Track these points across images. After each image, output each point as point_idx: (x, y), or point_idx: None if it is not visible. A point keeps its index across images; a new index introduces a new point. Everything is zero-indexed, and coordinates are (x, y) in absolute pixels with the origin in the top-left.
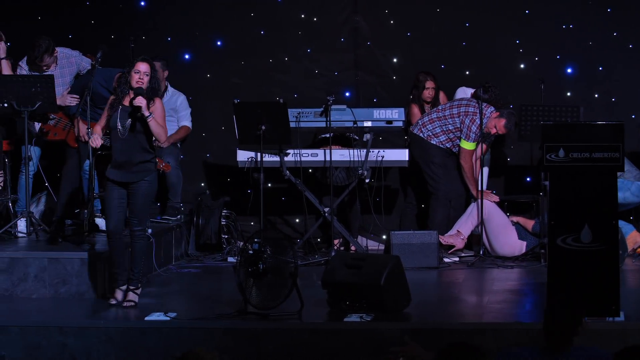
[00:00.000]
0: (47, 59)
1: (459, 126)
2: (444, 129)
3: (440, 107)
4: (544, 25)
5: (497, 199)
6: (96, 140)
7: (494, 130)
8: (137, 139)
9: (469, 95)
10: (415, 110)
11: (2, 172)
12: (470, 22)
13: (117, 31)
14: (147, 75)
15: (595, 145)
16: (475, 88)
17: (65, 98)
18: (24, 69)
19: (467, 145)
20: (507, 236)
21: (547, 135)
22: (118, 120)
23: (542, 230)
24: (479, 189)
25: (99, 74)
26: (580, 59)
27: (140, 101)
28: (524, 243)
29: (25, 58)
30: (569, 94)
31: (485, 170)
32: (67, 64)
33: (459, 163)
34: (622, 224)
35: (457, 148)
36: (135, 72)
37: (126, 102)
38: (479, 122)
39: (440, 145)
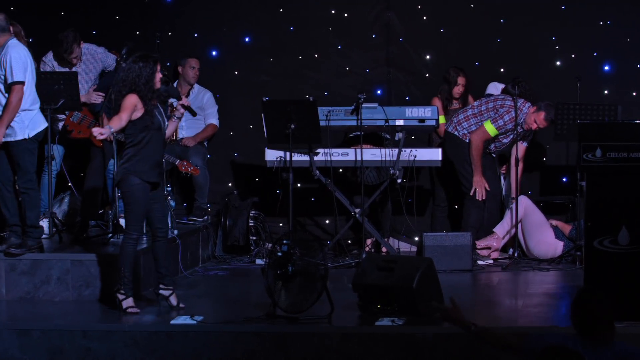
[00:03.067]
0: (76, 49)
1: (493, 117)
2: (480, 126)
3: (475, 104)
4: (581, 21)
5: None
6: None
7: (534, 125)
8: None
9: (499, 91)
10: (438, 104)
11: None
12: (505, 18)
13: (142, 27)
14: (160, 72)
15: (633, 145)
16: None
17: (90, 95)
18: (47, 64)
19: (489, 127)
20: (543, 234)
21: (584, 135)
22: (161, 120)
23: (578, 233)
24: (517, 187)
25: None
26: (617, 56)
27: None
28: (561, 243)
29: (49, 54)
30: (606, 92)
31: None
32: (92, 60)
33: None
34: None
35: (492, 146)
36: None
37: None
38: (512, 115)
39: None
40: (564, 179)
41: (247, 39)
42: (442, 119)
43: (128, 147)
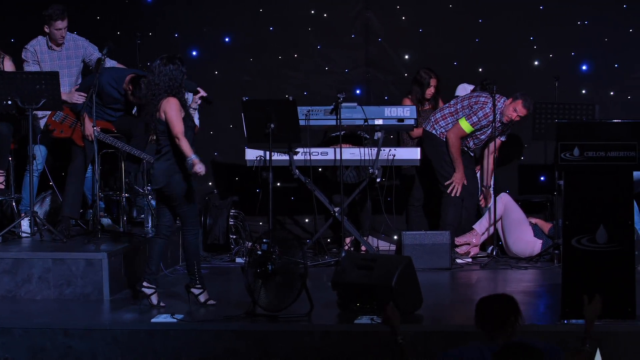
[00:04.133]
0: (65, 20)
1: (468, 113)
2: (457, 124)
3: (452, 102)
4: (559, 21)
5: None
6: None
7: (514, 115)
8: None
9: (468, 92)
10: (409, 104)
11: (2, 171)
12: (484, 18)
13: (123, 27)
14: None
15: (611, 144)
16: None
17: (72, 95)
18: (29, 50)
19: (464, 123)
20: (522, 232)
21: (562, 134)
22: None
23: (557, 232)
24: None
25: (109, 73)
26: (595, 56)
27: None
28: (540, 242)
29: (31, 41)
30: (584, 91)
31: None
32: (74, 46)
33: (448, 150)
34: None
35: (471, 143)
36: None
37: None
38: (487, 111)
39: None
40: (542, 178)
41: (227, 39)
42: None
43: (165, 146)
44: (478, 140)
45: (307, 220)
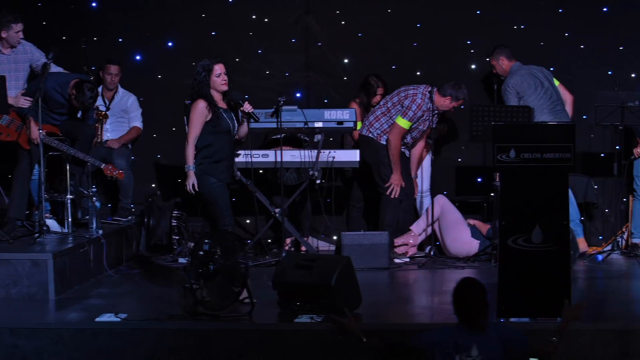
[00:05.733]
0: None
1: (402, 110)
2: (391, 123)
3: (381, 103)
4: (496, 26)
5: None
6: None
7: (444, 102)
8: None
9: None
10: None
11: None
12: (422, 22)
13: (68, 32)
14: (226, 74)
15: (546, 145)
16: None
17: (18, 99)
18: None
19: (401, 121)
20: (459, 232)
21: (498, 136)
22: (230, 123)
23: (494, 233)
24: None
25: (54, 78)
26: (531, 60)
27: (250, 107)
28: (477, 242)
29: None
30: None
31: (427, 169)
32: (21, 51)
33: (387, 152)
34: (573, 226)
35: (408, 138)
36: (216, 76)
37: (221, 105)
38: (419, 102)
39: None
40: (479, 179)
41: (170, 44)
42: (359, 125)
43: (201, 149)
44: (416, 132)
45: (248, 221)
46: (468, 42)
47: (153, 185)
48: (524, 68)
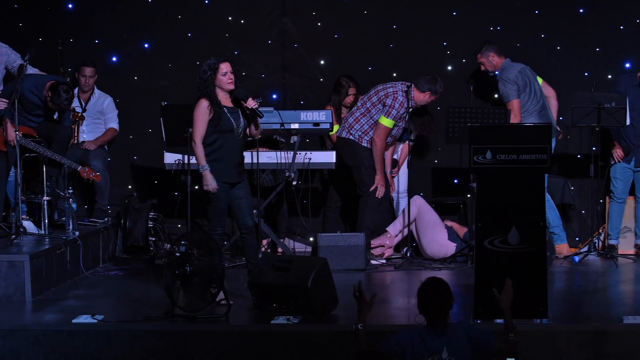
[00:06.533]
0: None
1: (384, 109)
2: (371, 123)
3: (359, 104)
4: (472, 26)
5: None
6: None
7: (423, 97)
8: (243, 139)
9: None
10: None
11: None
12: (398, 24)
13: (45, 34)
14: (232, 73)
15: (522, 147)
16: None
17: None
18: None
19: (385, 121)
20: (436, 234)
21: (475, 137)
22: (233, 121)
23: (471, 236)
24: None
25: (30, 80)
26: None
27: (254, 102)
28: (453, 245)
29: None
30: (496, 95)
31: (404, 170)
32: None
33: (371, 153)
34: (557, 231)
35: (389, 140)
36: (222, 75)
37: (227, 103)
38: (400, 100)
39: (370, 146)
40: (456, 181)
41: (146, 45)
42: (335, 128)
43: (205, 147)
44: (396, 130)
45: None
46: (444, 44)
47: (129, 187)
48: (516, 65)
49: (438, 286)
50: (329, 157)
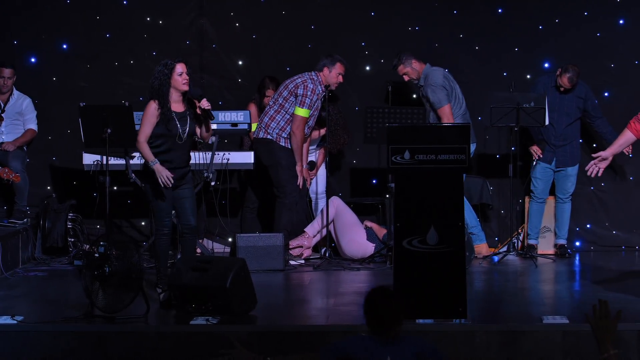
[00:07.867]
0: None
1: (298, 101)
2: (287, 118)
3: (271, 102)
4: (390, 27)
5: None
6: None
7: (334, 73)
8: (190, 142)
9: None
10: (253, 110)
11: None
12: (316, 24)
13: None
14: (187, 74)
15: (441, 147)
16: None
17: None
18: None
19: (301, 111)
20: (354, 234)
21: (393, 138)
22: (180, 127)
23: (389, 236)
24: (304, 165)
25: None
26: (426, 61)
27: (207, 103)
28: (372, 245)
29: None
30: (414, 96)
31: (322, 171)
32: None
33: (292, 144)
34: (475, 231)
35: (306, 131)
36: (178, 75)
37: (177, 107)
38: (311, 88)
39: (288, 146)
40: (374, 181)
41: (64, 46)
42: (254, 127)
43: (151, 149)
44: (312, 120)
45: (143, 223)
46: (362, 44)
47: (48, 188)
48: (438, 69)
49: (385, 296)
50: (247, 157)
